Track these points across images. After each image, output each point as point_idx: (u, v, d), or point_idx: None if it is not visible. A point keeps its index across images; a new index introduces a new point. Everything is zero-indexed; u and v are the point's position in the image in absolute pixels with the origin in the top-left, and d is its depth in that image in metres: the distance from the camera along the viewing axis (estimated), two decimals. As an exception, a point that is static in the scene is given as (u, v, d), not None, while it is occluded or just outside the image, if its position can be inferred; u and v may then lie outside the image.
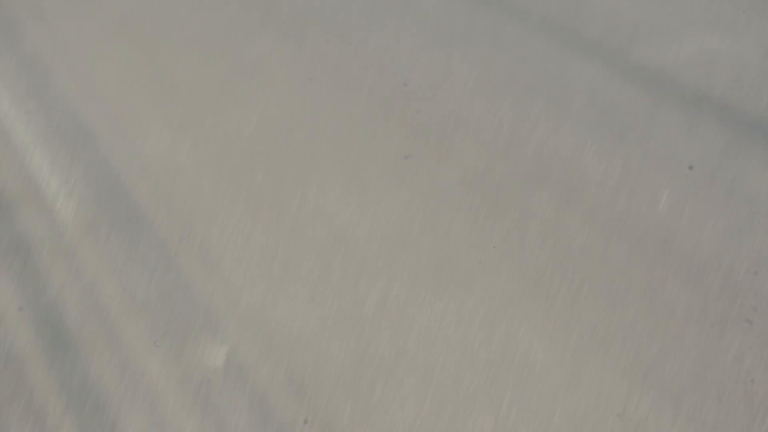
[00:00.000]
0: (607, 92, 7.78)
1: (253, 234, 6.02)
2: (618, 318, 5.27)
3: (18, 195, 6.37)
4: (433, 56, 8.41)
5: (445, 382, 4.82)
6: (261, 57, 8.44)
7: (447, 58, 8.37)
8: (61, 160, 6.81)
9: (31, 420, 4.52)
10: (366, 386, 4.78)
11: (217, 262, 5.73)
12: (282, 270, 5.67)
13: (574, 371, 4.88)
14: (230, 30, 8.95)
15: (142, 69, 8.28)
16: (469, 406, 4.67)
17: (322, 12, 9.34)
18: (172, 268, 5.65)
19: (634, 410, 4.66)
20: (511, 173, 6.72)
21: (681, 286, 5.53)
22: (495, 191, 6.51)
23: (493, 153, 6.96)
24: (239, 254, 5.82)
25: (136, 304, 5.33)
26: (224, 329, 5.16)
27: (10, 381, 4.74)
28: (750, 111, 7.42)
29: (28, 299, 5.31)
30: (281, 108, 7.62)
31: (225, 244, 5.90)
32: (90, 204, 6.29)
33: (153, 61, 8.38)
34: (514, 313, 5.29)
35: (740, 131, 7.17)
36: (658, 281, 5.57)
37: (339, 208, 6.31)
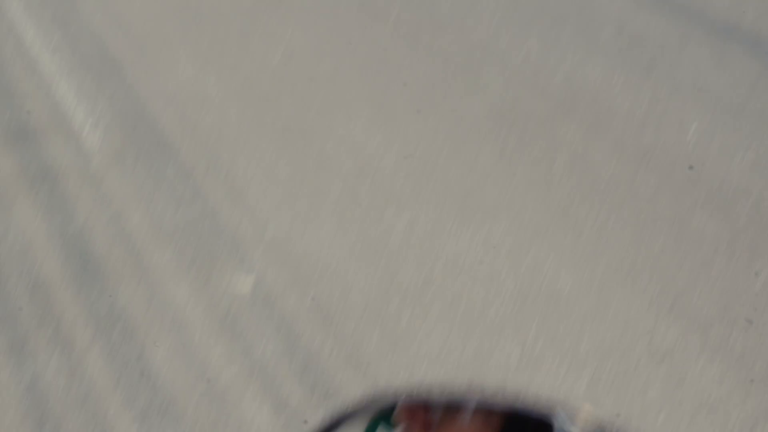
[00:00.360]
0: (636, 23, 7.72)
1: (280, 164, 6.01)
2: (645, 248, 5.25)
3: (45, 124, 6.37)
4: (460, -13, 8.36)
5: (471, 311, 4.82)
6: (287, -13, 8.40)
7: (474, -11, 8.32)
8: (87, 90, 6.81)
9: (59, 347, 4.54)
10: (392, 315, 4.78)
11: (244, 191, 5.72)
12: (308, 200, 5.66)
13: (601, 301, 4.87)
14: (256, -40, 8.91)
15: (169, 0, 8.25)
16: (495, 335, 4.67)
17: (348, -58, 9.29)
18: (198, 197, 5.65)
19: (661, 339, 4.65)
20: (538, 104, 6.68)
21: (709, 217, 5.51)
22: (522, 122, 6.48)
23: (520, 84, 6.92)
24: (265, 184, 5.81)
25: (163, 232, 5.34)
26: (251, 258, 5.16)
27: (39, 308, 4.76)
28: (780, 42, 7.37)
29: (56, 227, 5.32)
30: (307, 39, 7.59)
31: (251, 174, 5.90)
32: (116, 133, 6.29)
33: (178, -9, 8.36)
34: (541, 243, 5.28)
35: (770, 63, 7.12)
36: (686, 211, 5.55)
37: (365, 138, 6.29)
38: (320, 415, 4.21)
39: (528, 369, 4.51)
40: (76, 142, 6.17)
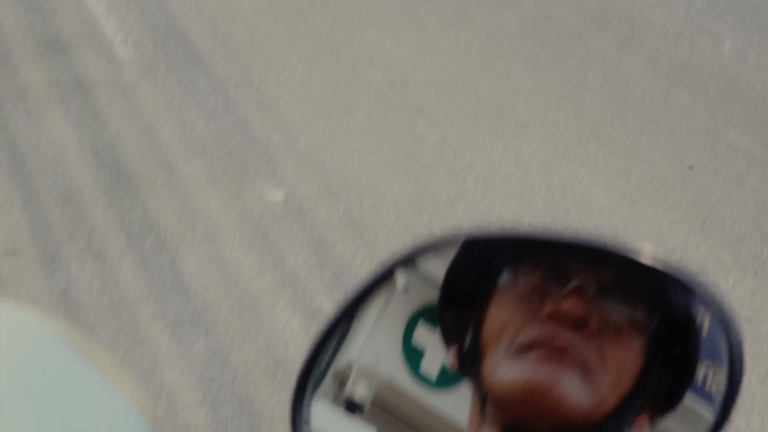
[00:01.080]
0: (672, -63, 7.63)
1: (311, 76, 5.98)
2: (678, 163, 5.22)
3: (76, 37, 6.35)
4: None
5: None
6: None
7: None
8: (118, 2, 6.78)
9: (91, 256, 4.55)
10: (423, 227, 4.77)
11: (275, 104, 5.70)
12: (340, 112, 5.64)
13: (632, 216, 4.85)
14: None
15: None
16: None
17: None
18: (230, 109, 5.64)
19: (693, 253, 4.63)
20: (571, 19, 6.62)
21: (743, 132, 5.47)
22: (555, 37, 6.42)
23: (554, -2, 6.87)
24: (297, 96, 5.79)
25: (194, 144, 5.33)
26: (282, 170, 5.16)
27: (71, 219, 4.77)
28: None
29: (88, 139, 5.32)
30: (339, -49, 7.54)
31: (283, 86, 5.88)
32: (148, 45, 6.27)
33: None
34: (573, 158, 5.25)
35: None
36: (720, 126, 5.51)
37: (397, 52, 6.26)
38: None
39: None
40: (108, 54, 6.16)
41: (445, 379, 1.18)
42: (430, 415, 1.20)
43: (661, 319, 1.02)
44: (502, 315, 1.05)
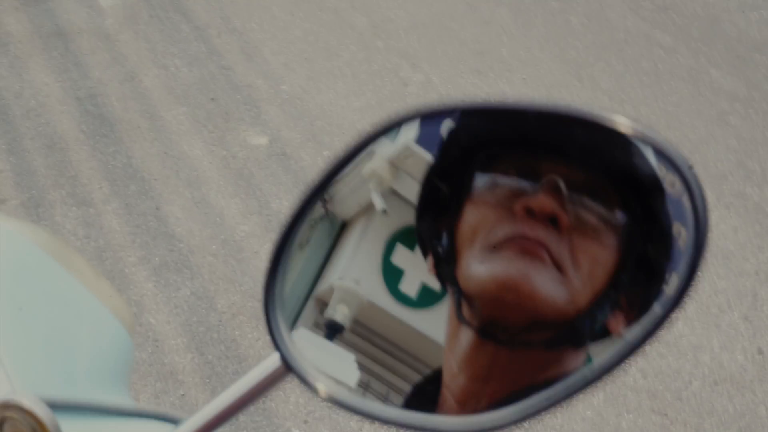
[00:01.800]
0: None
1: (294, 22, 5.96)
2: (662, 102, 5.22)
3: (56, -15, 6.32)
4: None
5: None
6: None
7: None
8: (98, -50, 6.75)
9: (75, 203, 4.55)
10: (408, 170, 4.76)
11: (258, 50, 5.69)
12: (323, 57, 5.63)
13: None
14: None
15: None
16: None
17: None
18: (212, 55, 5.62)
19: (676, 192, 4.64)
20: (554, -39, 6.61)
21: (726, 71, 5.47)
22: (538, -21, 6.41)
23: (536, -59, 6.85)
24: (279, 42, 5.77)
25: (177, 90, 5.32)
26: (266, 115, 5.15)
27: (55, 167, 4.76)
28: None
29: (70, 86, 5.30)
30: None
31: (265, 32, 5.86)
32: (129, -7, 6.25)
33: None
34: (557, 99, 5.25)
35: None
36: (703, 66, 5.51)
37: (380, -4, 6.24)
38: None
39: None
40: (89, 2, 6.12)
41: (425, 299, 1.19)
42: (410, 333, 1.21)
43: (634, 218, 1.02)
44: (476, 217, 1.06)
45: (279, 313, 1.10)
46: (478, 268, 1.04)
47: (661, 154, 0.94)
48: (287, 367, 1.04)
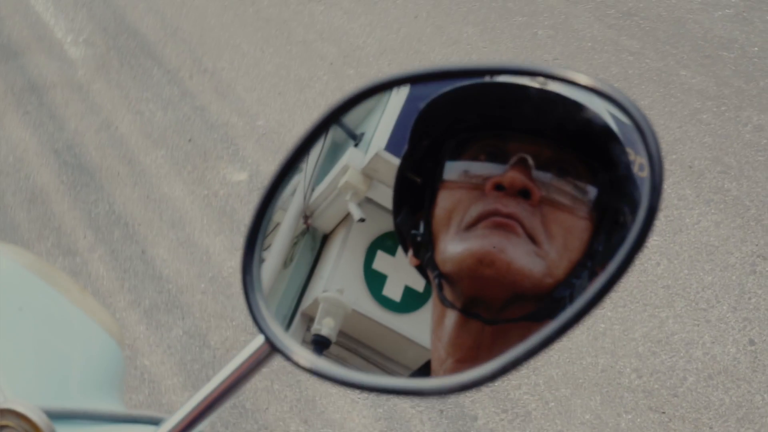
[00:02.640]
0: None
1: (264, 57, 6.00)
2: (634, 106, 5.26)
3: (26, 41, 6.34)
4: None
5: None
6: None
7: None
8: (65, 4, 6.77)
9: (61, 254, 4.56)
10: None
11: (231, 87, 5.72)
12: (296, 89, 5.66)
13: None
14: None
15: None
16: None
17: None
18: (186, 97, 5.65)
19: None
20: (517, -24, 6.66)
21: (695, 70, 5.51)
22: (502, -5, 6.46)
23: (497, -42, 6.89)
24: (252, 78, 5.80)
25: (153, 134, 5.34)
26: (244, 151, 5.18)
27: (38, 219, 4.77)
28: None
29: (47, 139, 5.32)
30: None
31: (237, 70, 5.89)
32: (98, 43, 6.27)
33: None
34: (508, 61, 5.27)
35: None
36: (672, 67, 5.55)
37: (348, 25, 6.27)
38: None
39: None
40: (60, 55, 6.15)
41: (410, 302, 1.20)
42: (397, 339, 1.23)
43: (603, 188, 1.05)
44: (450, 201, 1.09)
45: (258, 294, 1.11)
46: (455, 247, 1.06)
47: (609, 99, 0.96)
48: (272, 347, 1.06)
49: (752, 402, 3.77)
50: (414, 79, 1.10)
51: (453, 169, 1.11)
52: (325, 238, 1.30)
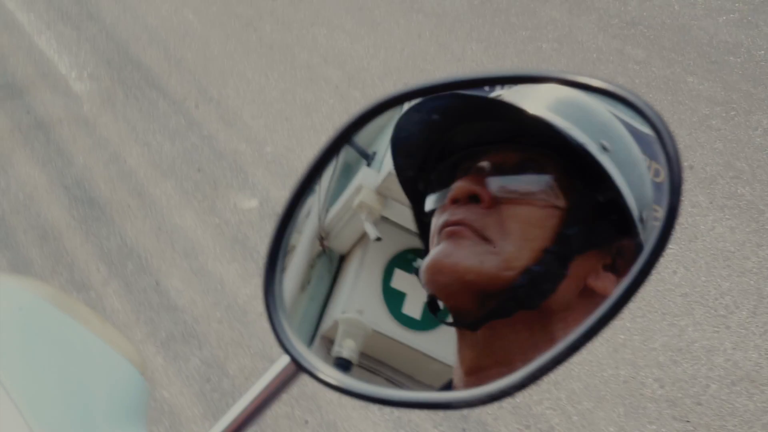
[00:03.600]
0: None
1: (269, 84, 5.99)
2: (643, 115, 5.24)
3: (31, 79, 6.34)
4: None
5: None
6: None
7: None
8: (68, 39, 6.78)
9: (75, 289, 4.55)
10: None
11: (237, 115, 5.71)
12: (302, 113, 5.65)
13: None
14: None
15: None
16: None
17: None
18: (193, 126, 5.64)
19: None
20: (518, -9, 6.65)
21: (702, 77, 5.50)
22: (504, 11, 6.45)
23: (498, -26, 6.90)
24: (258, 105, 5.80)
25: (162, 165, 5.34)
26: (253, 177, 5.17)
27: (50, 256, 4.76)
28: None
29: (56, 175, 5.31)
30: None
31: (242, 97, 5.89)
32: (103, 77, 6.27)
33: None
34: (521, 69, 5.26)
35: None
36: (679, 75, 5.54)
37: (351, 47, 6.27)
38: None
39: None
40: (65, 91, 6.15)
41: (430, 320, 1.20)
42: (419, 356, 1.22)
43: (570, 176, 1.07)
44: (434, 218, 1.12)
45: (282, 315, 1.11)
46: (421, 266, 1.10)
47: (629, 104, 0.97)
48: (298, 367, 1.06)
49: (777, 407, 3.75)
50: (423, 92, 1.11)
51: (433, 200, 1.14)
52: (342, 259, 1.29)
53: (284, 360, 1.08)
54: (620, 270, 1.04)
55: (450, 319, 1.11)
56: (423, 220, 1.15)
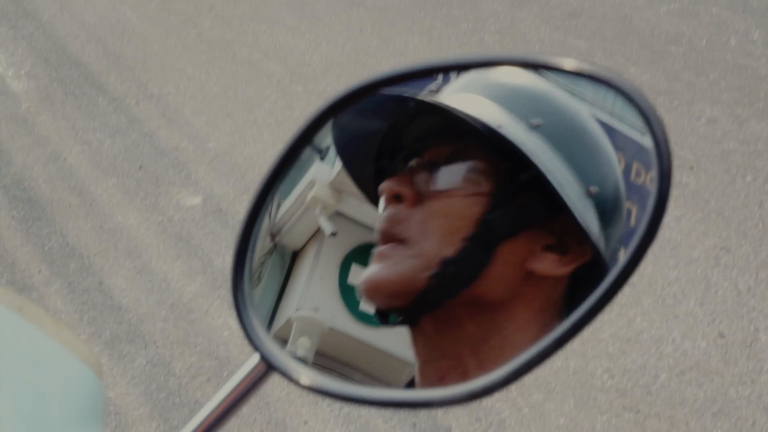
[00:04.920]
0: None
1: (210, 80, 5.95)
2: (586, 106, 5.25)
3: (-33, 78, 6.26)
4: None
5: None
6: None
7: None
8: (4, 38, 6.69)
9: (17, 290, 4.49)
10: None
11: (179, 111, 5.66)
12: (244, 109, 5.61)
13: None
14: None
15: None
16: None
17: None
18: (134, 123, 5.58)
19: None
20: (459, -17, 6.65)
21: (644, 67, 5.51)
22: (446, 4, 6.45)
23: (438, -34, 6.88)
24: (199, 101, 5.75)
25: (103, 163, 5.27)
26: (196, 174, 5.12)
27: (-9, 257, 4.70)
28: None
29: (-5, 175, 5.25)
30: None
31: (183, 94, 5.84)
32: (41, 75, 6.19)
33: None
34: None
35: None
36: (621, 65, 5.55)
37: (293, 42, 6.24)
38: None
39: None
40: (2, 90, 6.06)
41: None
42: (376, 353, 1.20)
43: (491, 157, 1.06)
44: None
45: (252, 312, 1.08)
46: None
47: (609, 86, 0.95)
48: (268, 366, 1.03)
49: (726, 395, 3.75)
50: (387, 82, 1.09)
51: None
52: (295, 256, 1.27)
53: (254, 359, 1.05)
54: (570, 248, 1.02)
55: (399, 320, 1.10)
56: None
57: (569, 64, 0.95)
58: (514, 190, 1.04)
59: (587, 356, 3.95)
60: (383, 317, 1.10)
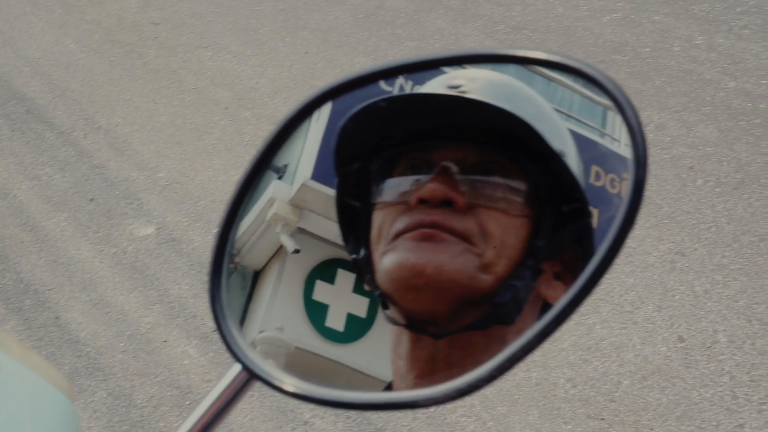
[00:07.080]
0: None
1: (158, 109, 5.92)
2: (535, 118, 5.28)
3: None
4: None
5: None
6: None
7: None
8: (-53, 75, 6.64)
9: (-28, 329, 4.45)
10: (300, 231, 4.74)
11: (127, 142, 5.64)
12: (193, 137, 5.60)
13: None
14: None
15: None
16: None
17: None
18: (82, 157, 5.55)
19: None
20: (402, 3, 6.66)
21: (590, 76, 5.56)
22: (390, 23, 6.45)
23: (381, -14, 6.90)
24: (147, 131, 5.73)
25: (53, 197, 5.24)
26: (148, 205, 5.10)
27: (-56, 298, 4.66)
28: None
29: (-56, 214, 5.20)
30: (160, -17, 7.49)
31: (131, 124, 5.81)
32: (-14, 111, 6.15)
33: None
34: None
35: None
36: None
37: (239, 68, 6.23)
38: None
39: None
40: (-53, 128, 6.02)
41: (354, 330, 1.17)
42: (344, 369, 1.19)
43: (536, 184, 1.04)
44: (380, 220, 1.08)
45: (231, 322, 1.07)
46: (383, 262, 1.05)
47: (592, 81, 0.95)
48: (251, 375, 1.02)
49: (689, 398, 3.77)
50: (343, 88, 1.09)
51: (383, 189, 1.10)
52: (257, 275, 1.26)
53: (235, 369, 1.04)
54: (569, 279, 1.01)
55: (402, 321, 1.06)
56: (353, 209, 1.12)
57: (540, 54, 0.95)
58: (557, 221, 1.03)
59: (549, 366, 3.96)
60: (385, 305, 1.07)
